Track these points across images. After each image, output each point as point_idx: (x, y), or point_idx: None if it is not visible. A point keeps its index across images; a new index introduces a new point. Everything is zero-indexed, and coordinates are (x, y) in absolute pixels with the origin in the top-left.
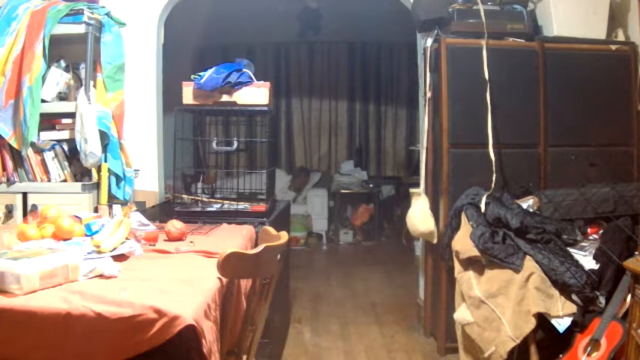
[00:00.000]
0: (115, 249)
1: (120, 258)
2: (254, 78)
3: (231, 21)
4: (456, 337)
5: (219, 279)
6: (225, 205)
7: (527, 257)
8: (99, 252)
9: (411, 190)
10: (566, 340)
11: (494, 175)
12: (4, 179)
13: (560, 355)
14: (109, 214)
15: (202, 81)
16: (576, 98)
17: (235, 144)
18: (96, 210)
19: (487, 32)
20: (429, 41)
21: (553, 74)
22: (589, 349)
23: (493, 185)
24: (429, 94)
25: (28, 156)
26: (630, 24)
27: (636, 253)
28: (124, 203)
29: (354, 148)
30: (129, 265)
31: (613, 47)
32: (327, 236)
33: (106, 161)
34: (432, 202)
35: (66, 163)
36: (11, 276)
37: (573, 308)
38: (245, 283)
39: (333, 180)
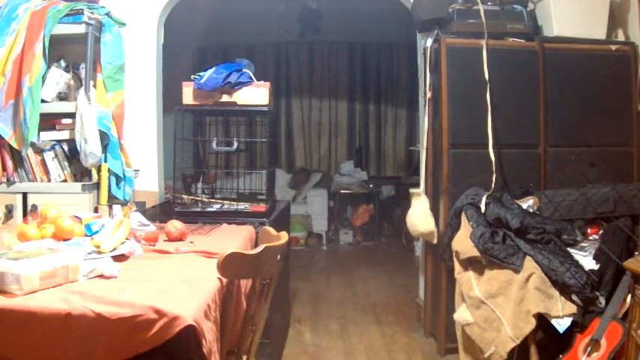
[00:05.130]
0: (115, 249)
1: (120, 258)
2: (254, 78)
3: (231, 21)
4: (456, 337)
5: (219, 279)
6: (225, 206)
7: (527, 257)
8: (99, 252)
9: (411, 190)
10: (566, 340)
11: (494, 176)
12: (4, 179)
13: (560, 356)
14: (109, 214)
15: (202, 81)
16: (576, 98)
17: (235, 144)
18: (96, 210)
19: (487, 32)
20: (429, 41)
21: (553, 74)
22: (589, 349)
23: (493, 185)
24: (429, 94)
25: (28, 156)
26: (630, 24)
27: (636, 253)
28: (124, 203)
29: (354, 148)
30: (129, 265)
31: (613, 47)
32: (327, 236)
33: (106, 161)
34: (432, 202)
35: (66, 163)
36: (11, 276)
37: (573, 308)
38: (245, 284)
39: (333, 180)
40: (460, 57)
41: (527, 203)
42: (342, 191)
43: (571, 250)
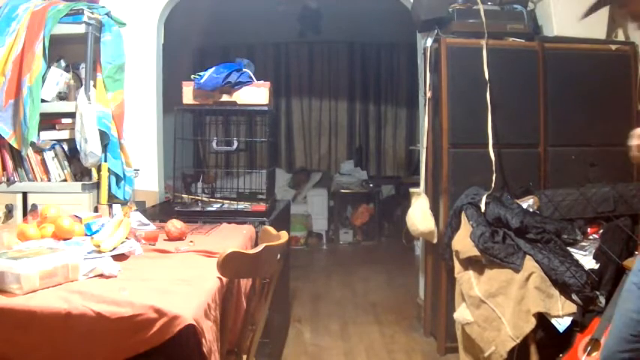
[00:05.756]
0: (115, 248)
1: (120, 258)
2: (254, 78)
3: (231, 21)
4: (456, 336)
5: (219, 279)
6: (225, 205)
7: (527, 257)
8: (99, 251)
9: (411, 189)
10: (566, 339)
11: (494, 175)
12: (4, 179)
13: (561, 355)
14: (109, 213)
15: (202, 81)
16: (576, 98)
17: (235, 144)
18: (96, 210)
19: (487, 32)
20: (429, 41)
21: (553, 74)
22: (589, 348)
23: (493, 185)
24: (429, 94)
25: (28, 156)
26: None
27: (636, 252)
28: (124, 203)
29: (354, 147)
30: (129, 264)
31: (613, 47)
32: (327, 236)
33: (106, 161)
34: (432, 201)
35: (66, 163)
36: (11, 276)
37: (573, 308)
38: (245, 283)
39: (333, 180)
40: (460, 57)
41: (527, 203)
42: (342, 191)
43: (571, 250)
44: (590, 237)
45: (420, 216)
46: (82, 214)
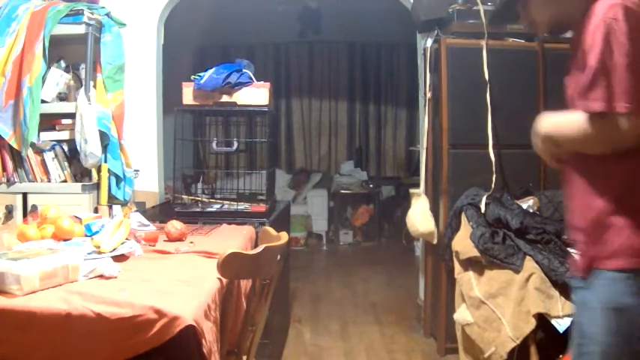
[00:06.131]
0: (115, 249)
1: (120, 258)
2: (254, 78)
3: (231, 21)
4: (456, 337)
5: (219, 279)
6: (225, 206)
7: (528, 258)
8: (99, 252)
9: (411, 190)
10: (566, 340)
11: (494, 176)
12: (4, 179)
13: (561, 356)
14: (109, 214)
15: (202, 81)
16: None
17: (235, 144)
18: (96, 210)
19: (487, 32)
20: (429, 41)
21: (553, 74)
22: None
23: (493, 186)
24: (429, 95)
25: (28, 156)
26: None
27: None
28: (123, 204)
29: (354, 148)
30: (129, 265)
31: None
32: (326, 237)
33: (106, 162)
34: (432, 202)
35: (66, 164)
36: (11, 276)
37: (573, 308)
38: (245, 284)
39: (333, 180)
40: (460, 57)
41: (527, 203)
42: (342, 191)
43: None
44: None
45: (420, 217)
46: (82, 214)
